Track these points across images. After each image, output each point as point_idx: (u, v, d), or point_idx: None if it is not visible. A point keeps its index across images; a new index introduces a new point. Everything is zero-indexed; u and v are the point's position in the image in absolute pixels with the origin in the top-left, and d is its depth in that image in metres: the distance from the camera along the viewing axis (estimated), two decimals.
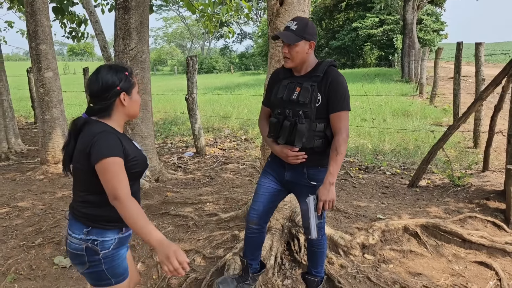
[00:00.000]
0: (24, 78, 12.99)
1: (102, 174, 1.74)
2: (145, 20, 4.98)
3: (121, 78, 1.86)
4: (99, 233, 1.87)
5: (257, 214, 2.69)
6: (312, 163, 2.50)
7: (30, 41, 6.05)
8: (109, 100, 1.85)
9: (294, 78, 2.48)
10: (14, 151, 7.75)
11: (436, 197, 4.61)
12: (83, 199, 1.88)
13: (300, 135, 2.37)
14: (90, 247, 1.85)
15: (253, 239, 2.78)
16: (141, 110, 5.09)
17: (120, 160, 1.77)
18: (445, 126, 8.26)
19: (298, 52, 2.37)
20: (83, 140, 1.81)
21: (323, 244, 2.77)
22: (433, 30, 29.91)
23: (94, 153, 1.75)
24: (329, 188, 2.36)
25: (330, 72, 2.39)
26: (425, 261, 3.38)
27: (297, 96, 2.39)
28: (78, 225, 1.88)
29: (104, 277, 1.91)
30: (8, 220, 4.40)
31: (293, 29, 2.37)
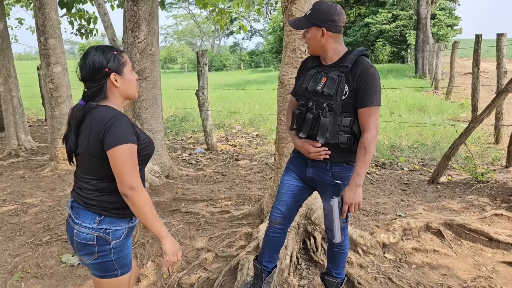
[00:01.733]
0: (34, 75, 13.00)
1: (116, 161, 1.68)
2: (155, 11, 4.85)
3: (108, 58, 1.79)
4: (112, 222, 1.82)
5: (281, 214, 2.53)
6: (337, 159, 2.30)
7: (39, 35, 5.96)
8: (99, 82, 1.78)
9: (322, 68, 2.28)
10: (24, 148, 7.69)
11: (459, 194, 4.41)
12: (96, 187, 1.80)
13: (323, 129, 2.18)
14: (102, 237, 1.80)
15: (274, 239, 2.61)
16: (151, 105, 4.96)
17: (134, 147, 1.72)
18: (463, 122, 8.03)
19: (310, 39, 2.21)
20: (92, 126, 1.73)
21: (345, 245, 2.60)
22: (447, 25, 29.42)
23: (108, 139, 1.68)
24: (355, 190, 2.18)
25: (360, 63, 2.16)
26: (450, 261, 3.19)
27: (322, 87, 2.19)
28: (88, 214, 1.81)
29: (112, 267, 1.86)
30: (16, 217, 4.31)
31: (307, 14, 2.21)
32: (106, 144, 1.68)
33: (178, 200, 4.42)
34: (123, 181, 1.69)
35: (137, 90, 2.09)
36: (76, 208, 1.85)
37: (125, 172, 1.68)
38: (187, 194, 4.58)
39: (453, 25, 30.22)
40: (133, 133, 1.74)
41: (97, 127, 1.71)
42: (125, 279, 1.94)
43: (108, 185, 1.80)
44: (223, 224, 3.86)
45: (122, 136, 1.69)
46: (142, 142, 1.81)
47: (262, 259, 2.69)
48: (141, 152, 1.81)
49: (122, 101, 1.89)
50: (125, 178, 1.68)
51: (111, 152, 1.68)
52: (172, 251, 1.81)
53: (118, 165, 1.68)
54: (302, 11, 3.11)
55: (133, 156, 1.71)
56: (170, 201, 4.40)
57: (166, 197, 4.51)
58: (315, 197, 3.53)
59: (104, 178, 1.78)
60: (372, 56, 33.22)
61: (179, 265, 3.26)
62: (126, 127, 1.72)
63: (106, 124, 1.70)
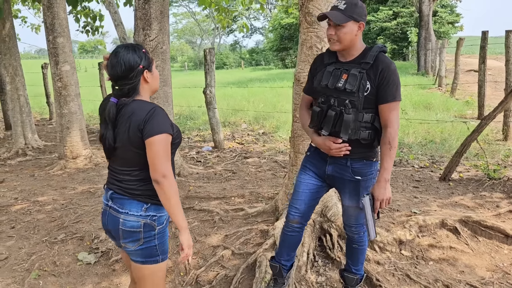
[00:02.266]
0: (36, 74, 12.98)
1: (152, 149, 1.78)
2: (166, 10, 4.84)
3: (141, 56, 1.88)
4: (157, 209, 1.92)
5: (299, 213, 2.52)
6: (357, 155, 2.30)
7: (48, 34, 5.95)
8: (135, 80, 1.87)
9: (340, 64, 2.27)
10: (31, 147, 7.69)
11: (471, 190, 4.41)
12: (140, 177, 1.90)
13: (346, 126, 2.17)
14: (149, 223, 1.90)
15: (292, 238, 2.60)
16: (162, 103, 4.96)
17: (169, 137, 1.82)
18: (470, 119, 8.03)
19: (347, 34, 2.16)
20: (132, 118, 1.82)
21: (364, 241, 2.60)
22: (448, 22, 29.40)
23: (148, 129, 1.78)
24: (385, 186, 2.20)
25: (381, 59, 2.17)
26: (467, 258, 3.20)
27: (343, 84, 2.18)
28: (134, 203, 1.90)
29: (154, 253, 1.95)
30: (30, 215, 4.31)
31: (341, 9, 2.15)
32: (145, 133, 1.78)
33: (191, 198, 4.43)
34: (157, 168, 1.77)
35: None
36: (118, 199, 1.93)
37: (159, 160, 1.77)
38: (200, 192, 4.59)
39: (454, 22, 30.20)
40: (170, 124, 1.83)
41: (137, 119, 1.80)
42: (164, 266, 2.03)
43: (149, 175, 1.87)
44: (238, 221, 3.86)
45: (160, 126, 1.78)
46: (175, 132, 1.90)
47: (281, 258, 2.68)
48: (174, 140, 1.90)
49: (149, 95, 1.99)
50: (158, 166, 1.77)
51: (149, 141, 1.77)
52: (188, 243, 1.89)
53: (153, 153, 1.78)
54: (319, 9, 3.11)
55: (167, 145, 1.81)
56: (183, 199, 4.40)
57: (179, 195, 4.52)
58: (330, 194, 3.54)
59: (147, 168, 1.85)
60: None
61: (196, 262, 3.26)
62: (164, 118, 1.82)
63: (147, 115, 1.79)
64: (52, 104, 11.24)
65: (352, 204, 2.42)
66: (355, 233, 2.55)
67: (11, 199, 4.84)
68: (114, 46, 1.98)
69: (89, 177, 5.66)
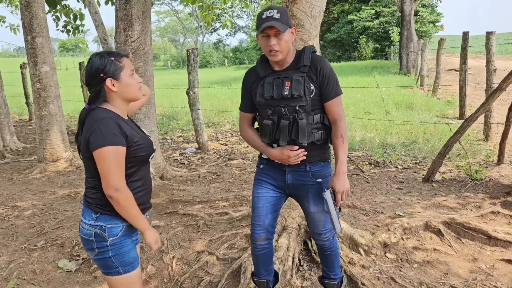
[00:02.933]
0: (15, 74, 12.69)
1: (99, 163, 1.78)
2: (147, 10, 4.76)
3: (104, 64, 1.85)
4: (107, 219, 1.89)
5: (263, 229, 2.45)
6: (314, 158, 2.32)
7: (26, 34, 5.80)
8: (96, 87, 1.86)
9: (278, 74, 2.25)
10: (10, 149, 7.52)
11: (454, 191, 4.45)
12: (92, 185, 1.91)
13: (303, 131, 2.18)
14: (99, 233, 1.89)
15: (264, 255, 2.54)
16: (144, 105, 4.87)
17: (117, 149, 1.78)
18: (451, 119, 8.14)
19: (287, 41, 2.15)
20: (85, 127, 1.84)
21: (335, 246, 2.59)
22: (429, 22, 29.81)
23: (92, 141, 1.78)
24: (344, 178, 2.21)
25: (316, 59, 2.22)
26: (450, 260, 3.22)
27: (289, 91, 2.18)
28: (88, 211, 1.92)
29: (112, 264, 1.93)
30: (8, 221, 4.20)
31: (277, 18, 2.12)
32: (91, 145, 1.78)
33: (175, 202, 4.37)
34: (107, 182, 1.77)
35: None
36: (83, 204, 1.98)
37: (109, 173, 1.76)
38: (183, 196, 4.53)
39: (435, 21, 30.65)
40: (119, 135, 1.80)
41: (86, 128, 1.82)
42: (131, 278, 1.98)
43: (99, 183, 1.86)
44: (222, 226, 3.82)
45: (105, 138, 1.76)
46: (135, 143, 1.86)
47: (261, 276, 2.63)
48: (136, 153, 1.88)
49: (124, 103, 1.95)
50: (109, 180, 1.77)
51: (95, 154, 1.77)
52: (154, 240, 1.94)
53: (102, 166, 1.77)
54: (303, 11, 3.09)
55: (118, 157, 1.78)
56: (167, 203, 4.34)
57: (162, 199, 4.45)
58: None
59: (96, 177, 1.86)
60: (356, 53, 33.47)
61: (180, 268, 3.22)
62: (110, 129, 1.78)
63: (93, 125, 1.79)
64: (32, 105, 11.01)
65: (318, 209, 2.39)
66: (325, 239, 2.50)
67: None
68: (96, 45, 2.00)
69: (70, 181, 5.54)
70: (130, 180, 1.90)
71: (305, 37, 3.13)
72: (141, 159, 1.93)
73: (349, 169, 5.55)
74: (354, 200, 4.20)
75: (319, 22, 3.20)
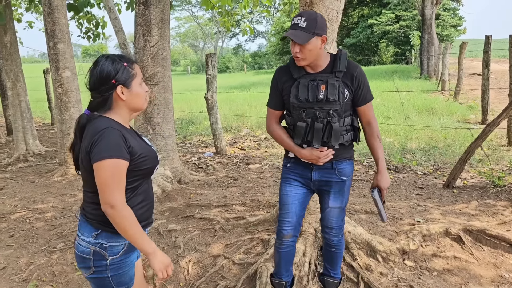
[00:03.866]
0: (39, 79, 13.00)
1: (98, 176, 1.63)
2: (166, 16, 4.82)
3: (117, 69, 1.71)
4: (109, 237, 1.76)
5: (292, 226, 2.50)
6: (340, 157, 2.41)
7: (48, 40, 5.94)
8: (104, 94, 1.72)
9: (313, 76, 2.28)
10: (32, 153, 7.67)
11: (476, 198, 4.35)
12: (93, 200, 1.75)
13: (336, 135, 2.28)
14: (98, 251, 1.75)
15: (287, 254, 2.59)
16: (163, 109, 4.92)
17: (119, 162, 1.64)
18: (473, 123, 7.97)
19: (312, 50, 2.16)
20: (86, 137, 1.69)
21: (342, 244, 2.67)
22: (451, 26, 29.36)
23: (93, 153, 1.63)
24: (387, 174, 2.39)
25: (352, 66, 2.30)
26: (471, 268, 3.13)
27: (324, 95, 2.23)
28: (88, 227, 1.77)
29: (108, 285, 1.81)
30: (29, 224, 4.28)
31: (302, 26, 2.14)
32: (92, 157, 1.64)
33: (192, 206, 4.38)
34: (103, 197, 1.63)
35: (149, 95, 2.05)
36: (81, 219, 1.83)
37: (106, 188, 1.62)
38: (201, 200, 4.54)
39: (457, 25, 30.17)
40: (122, 148, 1.66)
41: (88, 139, 1.67)
42: None
43: None
44: (239, 230, 3.81)
45: (106, 151, 1.62)
46: (138, 157, 1.74)
47: (281, 276, 2.65)
48: (139, 166, 1.75)
49: (129, 113, 1.82)
50: (105, 195, 1.63)
51: (95, 166, 1.63)
52: (159, 267, 1.73)
53: (100, 180, 1.63)
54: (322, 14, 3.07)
55: (117, 172, 1.64)
56: (184, 207, 4.36)
57: (179, 203, 4.48)
58: None
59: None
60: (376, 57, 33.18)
61: (196, 272, 3.22)
62: (113, 141, 1.65)
63: (95, 136, 1.65)
64: (54, 109, 11.24)
65: (336, 205, 2.49)
66: (335, 235, 2.58)
67: (10, 207, 4.81)
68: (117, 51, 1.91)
69: None
70: (133, 195, 1.78)
71: None
72: (146, 172, 1.81)
73: (367, 174, 5.49)
74: (372, 206, 4.13)
75: (336, 26, 3.18)
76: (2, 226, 4.23)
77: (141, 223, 1.81)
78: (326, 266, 2.78)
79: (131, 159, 1.71)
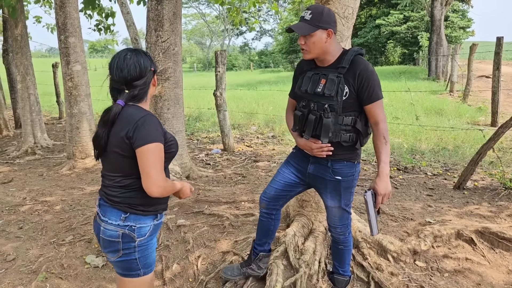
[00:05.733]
0: (47, 73, 13.03)
1: (144, 159, 1.72)
2: (178, 11, 4.80)
3: (150, 59, 1.88)
4: (137, 219, 1.85)
5: (266, 198, 2.67)
6: (338, 157, 2.38)
7: (59, 33, 5.94)
8: (146, 83, 1.85)
9: (319, 70, 2.34)
10: (40, 146, 7.69)
11: (487, 200, 4.31)
12: (122, 184, 1.84)
13: (326, 130, 2.26)
14: (127, 234, 1.84)
15: (261, 223, 2.77)
16: (173, 105, 4.91)
17: (160, 146, 1.76)
18: (483, 126, 7.91)
19: (315, 43, 2.21)
20: (123, 124, 1.77)
21: (349, 242, 2.68)
22: (460, 27, 29.17)
23: (138, 137, 1.72)
24: (387, 180, 2.26)
25: (357, 63, 2.23)
26: (483, 270, 3.11)
27: (322, 89, 2.26)
28: (114, 211, 1.85)
29: (135, 266, 1.90)
30: (38, 216, 4.28)
31: (307, 19, 2.20)
32: (136, 142, 1.72)
33: (201, 202, 4.37)
34: (151, 179, 1.72)
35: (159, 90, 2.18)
36: (103, 206, 1.90)
37: (153, 170, 1.71)
38: (209, 196, 4.53)
39: (465, 27, 29.98)
40: (161, 133, 1.79)
41: (127, 125, 1.75)
42: (147, 279, 1.97)
43: (133, 181, 1.83)
44: (248, 227, 3.80)
45: (151, 135, 1.73)
46: (168, 141, 1.85)
47: (255, 243, 2.87)
48: (167, 150, 1.85)
49: (149, 102, 1.95)
50: (153, 177, 1.72)
51: (141, 150, 1.71)
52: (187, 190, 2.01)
53: (147, 163, 1.71)
54: (335, 12, 3.05)
55: (160, 154, 1.76)
56: (193, 203, 4.35)
57: (188, 198, 4.47)
58: None
59: (131, 175, 1.82)
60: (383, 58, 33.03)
61: (205, 268, 3.20)
62: (155, 126, 1.76)
63: (137, 122, 1.74)
64: (62, 103, 11.27)
65: (335, 205, 2.49)
66: (340, 234, 2.61)
67: (19, 199, 4.82)
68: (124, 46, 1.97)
69: (98, 178, 5.63)
70: None
71: (338, 39, 3.09)
72: (171, 156, 1.93)
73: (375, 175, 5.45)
74: (382, 206, 4.11)
75: (351, 23, 3.16)
76: (11, 218, 4.24)
77: (164, 205, 1.97)
78: (334, 263, 2.81)
79: (165, 143, 1.82)
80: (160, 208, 1.95)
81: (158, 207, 1.93)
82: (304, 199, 3.52)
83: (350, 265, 2.80)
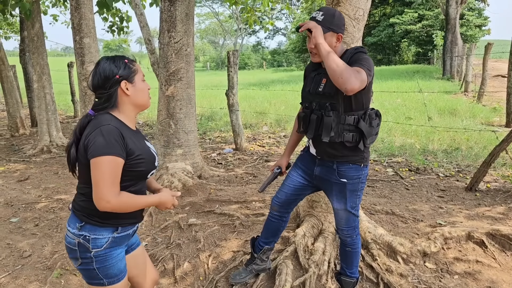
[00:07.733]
0: (62, 72, 13.22)
1: (95, 171, 1.66)
2: (191, 12, 4.85)
3: (119, 65, 1.79)
4: (92, 229, 1.80)
5: (278, 202, 2.72)
6: (343, 158, 2.38)
7: (74, 34, 6.04)
8: (110, 90, 1.78)
9: (321, 70, 2.38)
10: (56, 144, 7.82)
11: (499, 202, 4.28)
12: (82, 192, 1.81)
13: (327, 128, 2.26)
14: (82, 243, 1.79)
15: (271, 223, 2.82)
16: (185, 105, 4.97)
17: (115, 160, 1.68)
18: (497, 126, 7.82)
19: None
20: (86, 133, 1.75)
21: (357, 244, 2.69)
22: (475, 26, 28.78)
23: (91, 148, 1.68)
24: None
25: (353, 60, 2.20)
26: (494, 273, 3.09)
27: (323, 88, 2.28)
28: (74, 218, 1.83)
29: (96, 276, 1.84)
30: (53, 213, 4.38)
31: (319, 20, 2.19)
32: (89, 152, 1.68)
33: (212, 201, 4.42)
34: (99, 192, 1.66)
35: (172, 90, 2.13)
36: (71, 210, 1.88)
37: (101, 184, 1.65)
38: (220, 195, 4.58)
39: (481, 25, 29.58)
40: (119, 146, 1.70)
41: (87, 134, 1.73)
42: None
43: (91, 191, 1.75)
44: (258, 227, 3.83)
45: (103, 147, 1.66)
46: (134, 157, 1.77)
47: (260, 240, 2.91)
48: (135, 167, 1.79)
49: (134, 110, 1.87)
50: (101, 190, 1.65)
51: (93, 161, 1.67)
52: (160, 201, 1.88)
53: (97, 176, 1.66)
54: (346, 14, 3.05)
55: (115, 169, 1.68)
56: (204, 202, 4.40)
57: (199, 198, 4.52)
58: None
59: (89, 183, 1.75)
60: (397, 57, 32.76)
61: (216, 267, 3.25)
62: (110, 139, 1.68)
63: (94, 132, 1.70)
64: (77, 102, 11.43)
65: (341, 207, 2.51)
66: (347, 236, 2.63)
67: (35, 196, 4.93)
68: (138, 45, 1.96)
69: None
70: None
71: (348, 40, 3.11)
72: (139, 174, 1.84)
73: (388, 175, 5.44)
74: (393, 207, 4.11)
75: (362, 25, 3.16)
76: (28, 215, 4.34)
77: (131, 220, 1.89)
78: (342, 265, 2.84)
79: (127, 159, 1.74)
80: (124, 223, 1.86)
81: (120, 221, 1.84)
82: (314, 200, 3.54)
83: (358, 267, 2.81)
